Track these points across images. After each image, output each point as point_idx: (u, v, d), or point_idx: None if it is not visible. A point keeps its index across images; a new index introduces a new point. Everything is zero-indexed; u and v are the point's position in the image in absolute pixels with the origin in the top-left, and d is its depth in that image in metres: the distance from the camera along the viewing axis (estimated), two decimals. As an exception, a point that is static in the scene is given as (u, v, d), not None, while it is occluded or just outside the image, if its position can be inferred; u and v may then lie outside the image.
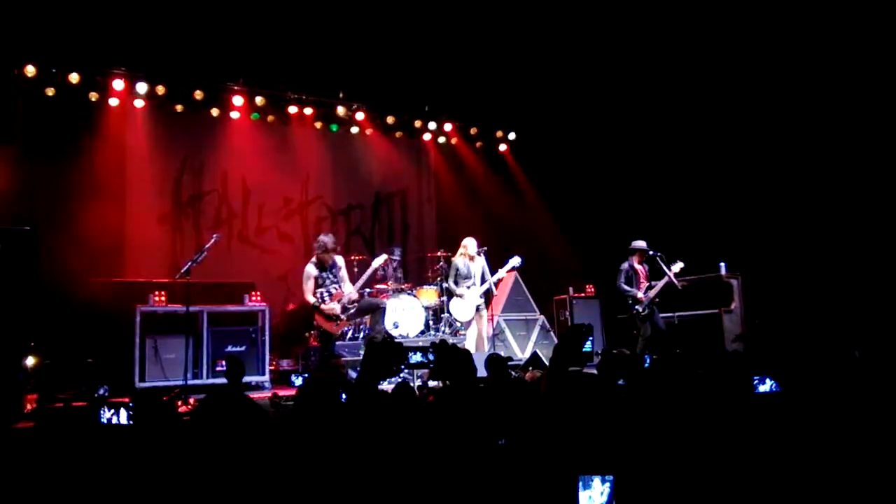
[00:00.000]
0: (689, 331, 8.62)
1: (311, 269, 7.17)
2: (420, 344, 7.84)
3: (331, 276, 7.20)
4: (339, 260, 7.36)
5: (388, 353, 1.81)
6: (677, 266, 8.01)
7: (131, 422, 3.40)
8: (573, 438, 1.68)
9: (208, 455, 2.70)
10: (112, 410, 3.47)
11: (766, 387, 2.40)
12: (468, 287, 8.23)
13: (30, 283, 6.12)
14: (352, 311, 7.39)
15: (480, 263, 8.30)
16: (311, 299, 7.12)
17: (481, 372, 5.46)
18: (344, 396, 2.68)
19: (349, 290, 7.23)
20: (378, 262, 7.67)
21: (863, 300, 7.50)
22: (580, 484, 1.56)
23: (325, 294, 7.18)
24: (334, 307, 7.14)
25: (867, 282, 7.76)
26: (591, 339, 2.25)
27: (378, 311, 7.80)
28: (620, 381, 3.24)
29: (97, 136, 9.07)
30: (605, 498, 1.52)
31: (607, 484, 1.54)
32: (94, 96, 8.97)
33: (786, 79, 8.68)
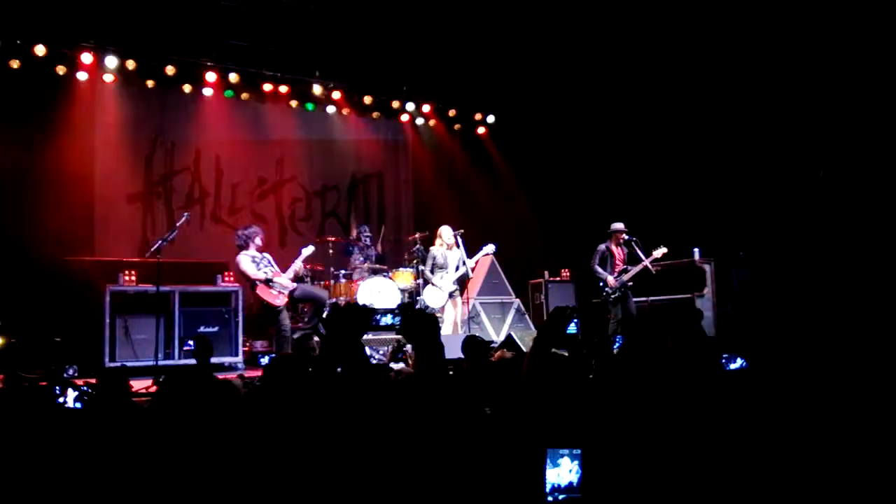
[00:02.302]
0: (661, 315, 8.71)
1: (246, 258, 7.48)
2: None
3: (264, 261, 7.57)
4: (266, 254, 7.72)
5: (353, 315, 1.79)
6: (660, 251, 8.05)
7: (80, 405, 3.33)
8: (545, 415, 1.69)
9: (172, 437, 2.66)
10: (61, 392, 3.38)
11: (735, 364, 2.46)
12: (442, 277, 8.30)
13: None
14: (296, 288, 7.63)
15: (457, 252, 8.33)
16: (262, 275, 7.42)
17: (458, 354, 5.50)
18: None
19: (285, 274, 7.54)
20: (306, 252, 7.79)
21: (835, 286, 7.65)
22: (548, 461, 1.55)
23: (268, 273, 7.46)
24: (285, 282, 7.44)
25: (840, 268, 7.91)
26: (574, 321, 2.27)
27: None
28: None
29: (66, 112, 8.84)
30: (574, 476, 1.51)
31: (576, 462, 1.53)
32: (61, 70, 8.73)
33: (759, 67, 8.76)
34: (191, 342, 7.48)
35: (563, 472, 1.54)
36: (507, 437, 1.61)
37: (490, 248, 8.51)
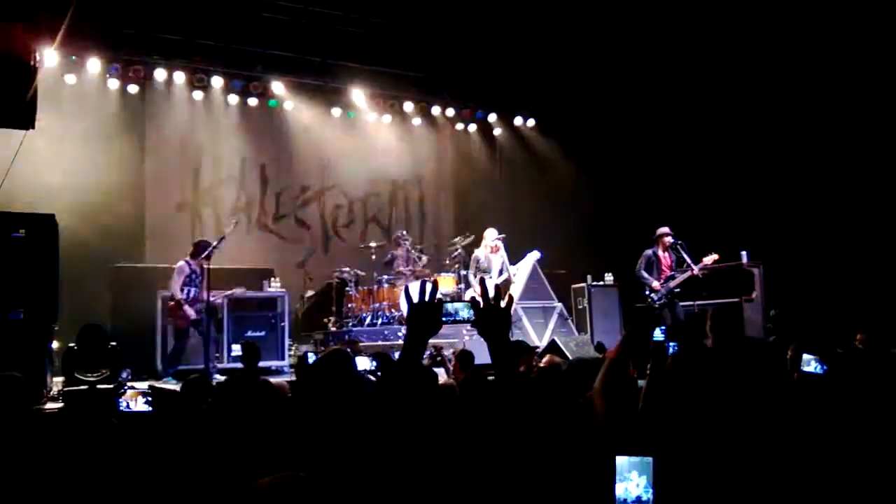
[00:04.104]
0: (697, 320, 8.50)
1: (185, 267, 7.37)
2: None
3: (197, 279, 7.43)
4: (203, 272, 7.56)
5: (430, 310, 1.80)
6: (710, 258, 7.85)
7: (151, 408, 3.41)
8: (617, 424, 1.67)
9: (228, 440, 2.71)
10: (130, 398, 3.48)
11: (811, 367, 2.37)
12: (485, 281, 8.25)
13: (53, 268, 6.22)
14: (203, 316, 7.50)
15: (500, 255, 8.29)
16: (180, 294, 7.27)
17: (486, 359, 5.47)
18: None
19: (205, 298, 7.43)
20: (239, 291, 7.80)
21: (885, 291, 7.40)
22: (616, 475, 1.52)
23: (192, 291, 7.35)
24: (191, 312, 7.29)
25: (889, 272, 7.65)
26: (662, 328, 2.23)
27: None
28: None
29: (118, 124, 9.14)
30: (642, 491, 1.48)
31: (644, 477, 1.50)
32: (113, 84, 9.02)
33: (811, 67, 8.53)
34: (239, 347, 7.64)
35: (631, 486, 1.50)
36: (575, 446, 1.59)
37: (535, 255, 8.47)
